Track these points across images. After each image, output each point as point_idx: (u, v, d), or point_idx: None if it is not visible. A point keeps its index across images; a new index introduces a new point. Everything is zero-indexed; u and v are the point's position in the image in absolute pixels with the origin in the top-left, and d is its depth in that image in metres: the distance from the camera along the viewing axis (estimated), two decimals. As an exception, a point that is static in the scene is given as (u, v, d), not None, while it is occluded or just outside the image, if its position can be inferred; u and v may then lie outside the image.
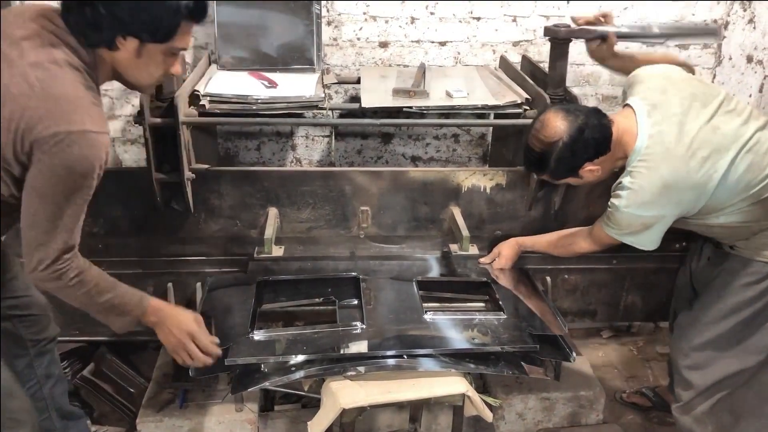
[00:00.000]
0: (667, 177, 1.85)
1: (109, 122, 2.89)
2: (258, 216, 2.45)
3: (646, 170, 1.87)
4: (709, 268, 2.22)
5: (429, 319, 2.13)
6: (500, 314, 2.16)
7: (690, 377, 2.19)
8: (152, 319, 1.78)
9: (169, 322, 1.79)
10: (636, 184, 1.89)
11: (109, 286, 1.69)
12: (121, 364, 2.70)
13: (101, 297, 1.66)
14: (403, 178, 2.47)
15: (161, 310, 1.79)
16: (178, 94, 2.16)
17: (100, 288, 1.66)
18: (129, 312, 1.73)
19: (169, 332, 1.80)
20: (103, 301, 1.67)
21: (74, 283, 1.60)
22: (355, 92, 2.88)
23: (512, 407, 2.48)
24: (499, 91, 2.48)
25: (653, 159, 1.87)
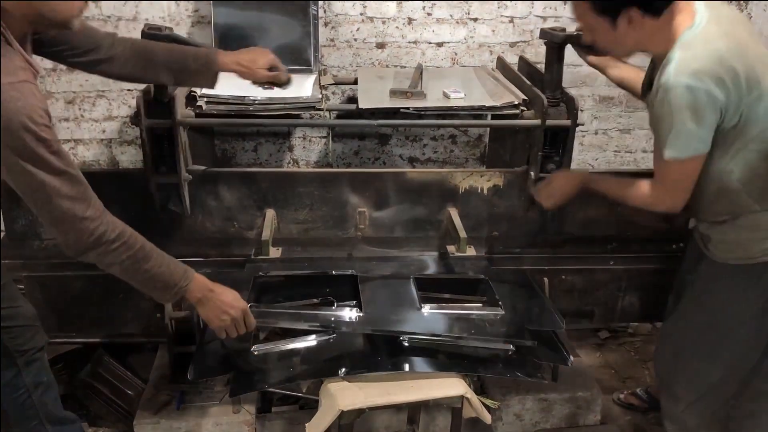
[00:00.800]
0: (724, 50, 1.71)
1: (105, 123, 2.91)
2: (255, 217, 2.44)
3: (702, 42, 1.72)
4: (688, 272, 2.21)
5: (426, 313, 2.14)
6: (497, 310, 2.16)
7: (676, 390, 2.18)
8: (197, 295, 1.76)
9: (220, 301, 1.79)
10: (689, 53, 1.72)
11: (155, 251, 1.66)
12: (118, 365, 2.68)
13: (147, 262, 1.63)
14: (400, 179, 2.47)
15: (206, 286, 1.79)
16: (175, 95, 2.15)
17: (145, 252, 1.63)
18: (174, 283, 1.70)
19: (219, 310, 1.80)
20: (148, 268, 1.64)
21: (117, 245, 1.57)
22: (353, 93, 2.88)
23: (510, 408, 2.48)
24: (497, 92, 2.48)
25: (710, 34, 1.73)
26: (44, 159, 1.45)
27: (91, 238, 1.54)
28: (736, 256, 1.96)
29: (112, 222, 1.58)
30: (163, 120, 2.18)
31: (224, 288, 1.85)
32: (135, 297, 2.51)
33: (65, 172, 1.50)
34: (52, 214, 1.52)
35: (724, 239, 1.98)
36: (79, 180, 1.54)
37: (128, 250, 1.60)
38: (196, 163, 2.38)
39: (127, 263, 1.61)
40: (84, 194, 1.54)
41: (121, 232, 1.59)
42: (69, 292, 2.48)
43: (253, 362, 2.03)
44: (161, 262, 1.67)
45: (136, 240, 1.62)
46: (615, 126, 3.17)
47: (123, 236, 1.59)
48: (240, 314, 1.84)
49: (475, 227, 2.52)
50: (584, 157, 3.21)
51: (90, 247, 1.56)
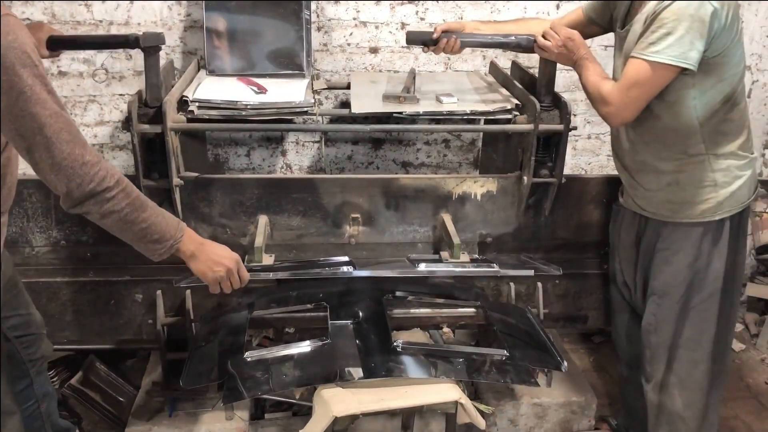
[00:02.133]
0: None
1: (97, 128, 2.90)
2: (248, 224, 2.43)
3: None
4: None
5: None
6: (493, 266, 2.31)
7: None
8: (190, 248, 1.70)
9: (212, 252, 1.74)
10: None
11: (149, 202, 1.61)
12: (109, 372, 2.67)
13: (144, 211, 1.57)
14: (393, 185, 2.46)
15: (198, 240, 1.73)
16: (166, 100, 2.14)
17: (141, 200, 1.58)
18: (170, 235, 1.64)
19: (211, 261, 1.73)
20: (146, 217, 1.58)
21: (116, 192, 1.51)
22: (346, 98, 2.87)
23: (504, 413, 2.47)
24: (489, 96, 2.48)
25: None
26: (42, 98, 1.40)
27: (92, 184, 1.48)
28: (687, 214, 2.03)
29: (110, 167, 1.52)
30: (154, 125, 2.17)
31: (215, 243, 1.79)
32: (127, 303, 2.50)
33: (61, 114, 1.44)
34: (54, 159, 1.44)
35: (672, 199, 2.05)
36: (73, 124, 1.48)
37: (127, 197, 1.54)
38: (188, 168, 2.37)
39: (126, 211, 1.54)
40: (79, 138, 1.48)
41: (119, 178, 1.53)
42: (60, 298, 2.47)
43: (246, 369, 2.03)
44: (156, 212, 1.62)
45: (133, 188, 1.57)
46: (607, 130, 3.16)
47: (122, 183, 1.54)
48: (234, 265, 1.77)
49: (469, 233, 2.52)
50: (577, 161, 3.21)
51: (90, 193, 1.49)
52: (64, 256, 2.43)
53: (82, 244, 2.41)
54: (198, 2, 2.70)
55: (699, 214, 2.02)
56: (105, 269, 2.44)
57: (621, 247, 2.31)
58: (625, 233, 2.28)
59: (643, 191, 2.13)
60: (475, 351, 2.18)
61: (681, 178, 2.02)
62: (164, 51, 2.76)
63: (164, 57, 2.73)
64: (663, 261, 2.11)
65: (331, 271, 2.28)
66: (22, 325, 1.88)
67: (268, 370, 2.03)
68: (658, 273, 2.13)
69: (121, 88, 2.84)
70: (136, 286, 2.48)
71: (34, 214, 2.37)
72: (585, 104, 3.11)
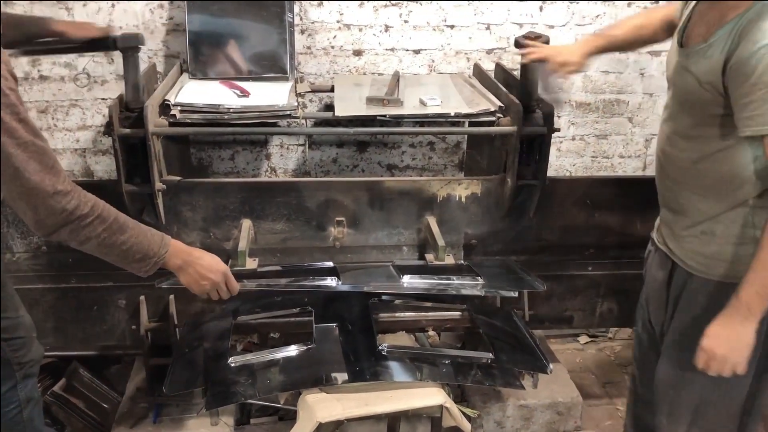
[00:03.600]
0: None
1: (79, 133, 2.87)
2: (232, 228, 2.42)
3: None
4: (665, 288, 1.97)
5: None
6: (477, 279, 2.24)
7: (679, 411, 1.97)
8: (176, 262, 1.71)
9: (199, 266, 1.74)
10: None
11: (129, 221, 1.59)
12: (94, 378, 2.65)
13: (123, 234, 1.56)
14: (378, 187, 2.45)
15: (185, 251, 1.73)
16: (147, 104, 2.12)
17: (119, 223, 1.56)
18: (153, 253, 1.63)
19: (198, 275, 1.75)
20: (125, 239, 1.56)
21: (91, 219, 1.49)
22: (330, 101, 2.86)
23: (490, 416, 2.47)
24: (473, 99, 2.48)
25: None
26: (11, 127, 1.37)
27: (64, 214, 1.46)
28: (718, 272, 1.78)
29: (83, 195, 1.50)
30: (135, 129, 2.15)
31: (203, 252, 1.79)
32: (110, 309, 2.48)
33: (33, 143, 1.41)
34: (21, 190, 1.42)
35: (702, 252, 1.81)
36: (47, 151, 1.44)
37: (103, 223, 1.52)
38: (171, 172, 2.35)
39: (102, 236, 1.53)
40: (53, 167, 1.45)
41: (93, 204, 1.51)
42: (42, 305, 2.45)
43: (230, 374, 2.02)
44: (137, 232, 1.61)
45: (109, 212, 1.55)
46: (592, 132, 3.18)
47: (96, 209, 1.51)
48: (221, 278, 1.78)
49: (454, 235, 2.51)
50: (562, 163, 3.22)
51: (62, 223, 1.47)
52: (45, 262, 2.41)
53: (63, 249, 2.39)
54: (180, 5, 2.68)
55: (736, 274, 1.70)
56: (87, 275, 2.42)
57: (650, 285, 2.06)
58: (656, 271, 2.01)
59: (675, 232, 1.89)
60: (461, 354, 2.19)
61: (717, 228, 1.77)
62: (146, 55, 2.74)
63: (146, 61, 2.72)
64: (691, 317, 1.85)
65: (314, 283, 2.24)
66: (9, 328, 1.86)
67: (252, 375, 2.03)
68: (686, 328, 1.86)
69: (103, 93, 2.81)
70: (119, 291, 2.46)
71: (14, 220, 2.35)
72: (569, 106, 3.12)
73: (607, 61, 3.03)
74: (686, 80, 1.72)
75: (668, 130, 1.86)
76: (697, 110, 1.72)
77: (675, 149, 1.83)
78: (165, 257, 1.67)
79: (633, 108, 3.15)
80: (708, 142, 1.72)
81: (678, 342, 1.92)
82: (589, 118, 3.16)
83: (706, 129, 1.71)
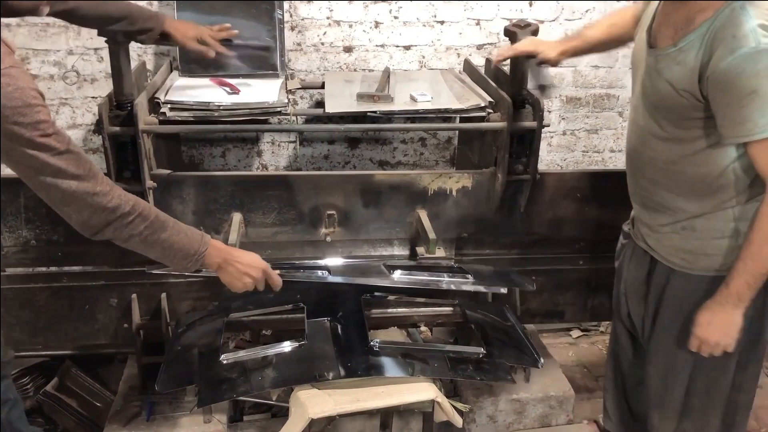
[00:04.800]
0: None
1: (70, 132, 2.86)
2: (222, 222, 2.42)
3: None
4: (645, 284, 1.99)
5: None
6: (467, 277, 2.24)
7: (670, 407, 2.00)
8: (216, 260, 1.77)
9: (238, 263, 1.80)
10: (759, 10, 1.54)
11: (170, 220, 1.66)
12: (86, 377, 2.65)
13: (164, 231, 1.63)
14: (369, 181, 2.46)
15: (224, 250, 1.80)
16: (137, 102, 2.12)
17: (161, 221, 1.63)
18: (194, 250, 1.70)
19: (239, 273, 1.81)
20: (166, 237, 1.64)
21: (133, 217, 1.56)
22: (321, 97, 2.86)
23: (483, 410, 2.48)
24: (463, 94, 2.48)
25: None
26: (44, 142, 1.43)
27: (105, 213, 1.53)
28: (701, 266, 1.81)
29: (123, 195, 1.57)
30: (125, 127, 2.15)
31: (242, 251, 1.86)
32: (102, 307, 2.48)
33: (67, 151, 1.48)
34: (63, 196, 1.49)
35: (683, 247, 1.83)
36: (83, 157, 1.52)
37: (144, 221, 1.59)
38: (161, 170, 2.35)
39: (145, 234, 1.60)
40: (90, 171, 1.52)
41: (135, 203, 1.58)
42: (34, 303, 2.44)
43: (222, 371, 2.02)
44: (178, 230, 1.67)
45: (150, 210, 1.62)
46: (582, 126, 3.19)
47: (137, 207, 1.58)
48: (261, 275, 1.85)
49: (445, 228, 2.52)
50: (553, 158, 3.23)
51: (106, 222, 1.54)
52: (34, 256, 2.40)
53: (53, 244, 2.38)
54: (170, 3, 2.67)
55: (718, 267, 1.77)
56: (77, 272, 2.42)
57: (629, 281, 2.07)
58: (635, 268, 2.03)
59: (653, 228, 1.91)
60: (453, 349, 2.19)
61: (698, 224, 1.78)
62: (136, 52, 2.74)
63: (136, 59, 2.71)
64: (677, 311, 1.88)
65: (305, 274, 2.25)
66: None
67: (245, 372, 2.03)
68: (673, 323, 1.90)
69: (92, 91, 2.80)
70: (110, 290, 2.46)
71: (3, 213, 2.34)
72: (559, 101, 3.13)
73: (597, 56, 3.04)
74: (659, 85, 1.72)
75: (640, 130, 1.85)
76: (675, 114, 1.72)
77: (650, 150, 1.83)
78: (204, 254, 1.73)
79: (623, 102, 3.16)
80: (688, 144, 1.72)
81: (665, 338, 1.94)
82: (579, 113, 3.17)
83: (686, 132, 1.71)
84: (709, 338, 1.76)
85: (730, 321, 1.73)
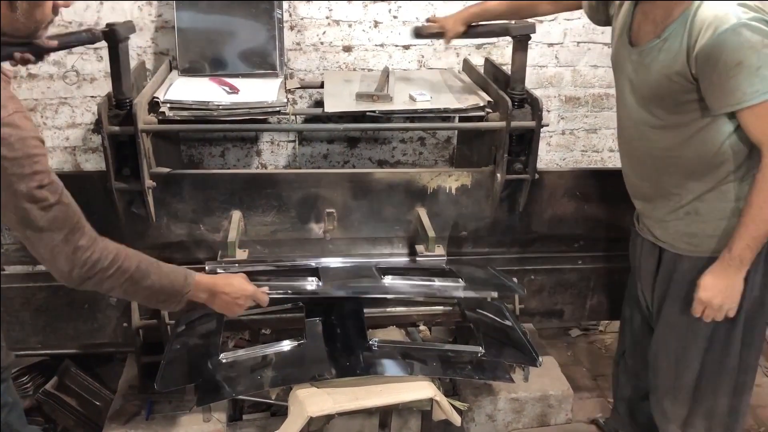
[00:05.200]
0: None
1: (69, 131, 2.86)
2: (221, 219, 2.42)
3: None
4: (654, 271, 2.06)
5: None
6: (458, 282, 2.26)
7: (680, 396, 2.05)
8: (202, 296, 1.78)
9: (225, 294, 1.81)
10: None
11: (152, 267, 1.64)
12: (86, 376, 2.65)
13: (146, 280, 1.61)
14: (368, 179, 2.46)
15: (209, 284, 1.79)
16: (136, 101, 2.12)
17: (142, 271, 1.61)
18: (176, 293, 1.70)
19: (229, 303, 1.83)
20: (149, 285, 1.62)
21: (113, 271, 1.54)
22: (320, 97, 2.86)
23: (482, 409, 2.48)
24: (463, 94, 2.49)
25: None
26: (37, 195, 1.42)
27: (85, 268, 1.51)
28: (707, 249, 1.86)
29: (104, 248, 1.55)
30: (125, 127, 2.15)
31: (227, 278, 1.86)
32: (101, 306, 2.48)
33: (58, 203, 1.46)
34: (45, 250, 1.48)
35: (688, 231, 1.89)
36: (71, 208, 1.50)
37: (125, 274, 1.57)
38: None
39: (126, 285, 1.59)
40: (77, 223, 1.50)
41: (115, 256, 1.55)
42: (33, 303, 2.44)
43: (221, 370, 2.02)
44: (160, 275, 1.65)
45: (131, 261, 1.59)
46: (581, 126, 3.20)
47: (117, 260, 1.56)
48: (249, 302, 1.88)
49: (444, 227, 2.52)
50: (552, 158, 3.23)
51: (86, 276, 1.52)
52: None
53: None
54: (169, 2, 2.68)
55: (723, 247, 1.80)
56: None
57: (643, 275, 2.12)
58: (646, 261, 2.09)
59: (657, 219, 1.97)
60: (451, 348, 2.20)
61: (701, 207, 1.85)
62: (135, 52, 2.74)
63: (135, 58, 2.71)
64: (684, 296, 1.92)
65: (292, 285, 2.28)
66: None
67: (244, 371, 2.03)
68: (680, 307, 1.95)
69: (92, 90, 2.80)
70: (110, 289, 2.46)
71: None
72: (558, 100, 3.13)
73: (596, 56, 3.04)
74: (648, 76, 1.79)
75: (634, 124, 1.91)
76: (668, 101, 1.77)
77: (647, 141, 1.89)
78: (189, 295, 1.73)
79: (622, 102, 3.16)
80: (683, 128, 1.78)
81: (673, 323, 2.00)
82: (578, 113, 3.17)
83: (680, 116, 1.77)
84: (712, 301, 1.82)
85: (733, 284, 1.80)
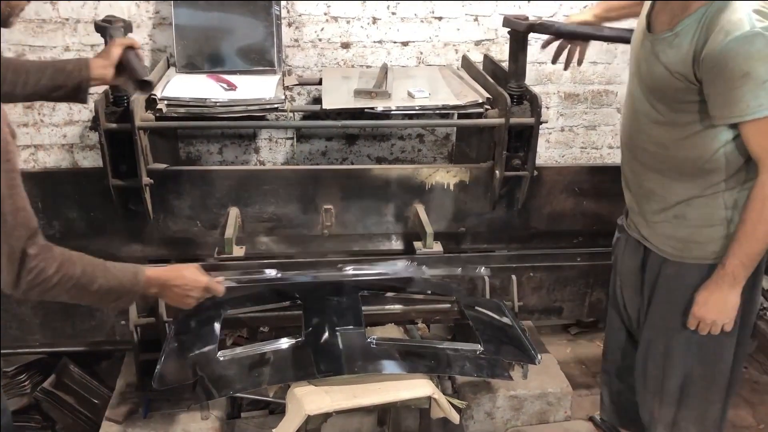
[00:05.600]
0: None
1: (66, 128, 2.86)
2: (218, 216, 2.41)
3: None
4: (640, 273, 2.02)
5: None
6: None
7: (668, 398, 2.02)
8: (153, 291, 1.73)
9: (176, 287, 1.76)
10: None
11: (98, 269, 1.58)
12: (84, 374, 2.64)
13: (93, 284, 1.56)
14: (366, 176, 2.45)
15: (160, 278, 1.73)
16: (133, 98, 2.12)
17: (87, 275, 1.55)
18: (127, 292, 1.64)
19: (180, 296, 1.77)
20: (96, 288, 1.56)
21: (57, 280, 1.49)
22: (318, 93, 2.86)
23: (481, 406, 2.48)
24: (461, 91, 2.48)
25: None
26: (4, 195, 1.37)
27: (29, 276, 1.46)
28: (692, 255, 1.83)
29: (50, 257, 1.49)
30: (122, 124, 2.14)
31: (179, 270, 1.79)
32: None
33: (23, 209, 1.42)
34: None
35: (675, 235, 1.85)
36: (30, 214, 1.45)
37: (70, 280, 1.52)
38: (158, 167, 2.35)
39: (72, 292, 1.54)
40: (35, 233, 1.46)
41: (59, 264, 1.50)
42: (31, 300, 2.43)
43: (219, 368, 2.01)
44: (107, 278, 1.60)
45: (75, 267, 1.53)
46: (581, 123, 3.19)
47: (61, 269, 1.50)
48: (201, 293, 1.81)
49: (442, 223, 2.51)
50: (551, 154, 3.22)
51: (31, 286, 1.48)
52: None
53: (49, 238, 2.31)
54: (167, 2, 2.67)
55: (709, 256, 1.80)
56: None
57: (624, 273, 2.09)
58: (629, 259, 2.05)
59: (645, 218, 1.93)
60: (449, 346, 2.18)
61: (689, 212, 1.81)
62: (133, 49, 2.73)
63: (133, 55, 2.70)
64: (669, 300, 1.90)
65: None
66: None
67: (242, 369, 2.02)
68: (666, 312, 1.92)
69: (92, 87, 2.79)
70: (107, 286, 2.45)
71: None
72: (557, 97, 3.12)
73: (596, 52, 3.03)
74: (655, 68, 1.75)
75: (636, 114, 1.87)
76: (669, 98, 1.74)
77: (644, 134, 1.85)
78: (140, 292, 1.68)
79: (621, 98, 3.15)
80: (681, 128, 1.75)
81: (659, 327, 1.97)
82: (577, 109, 3.17)
83: (680, 115, 1.74)
84: (705, 317, 1.81)
85: (727, 300, 1.77)
